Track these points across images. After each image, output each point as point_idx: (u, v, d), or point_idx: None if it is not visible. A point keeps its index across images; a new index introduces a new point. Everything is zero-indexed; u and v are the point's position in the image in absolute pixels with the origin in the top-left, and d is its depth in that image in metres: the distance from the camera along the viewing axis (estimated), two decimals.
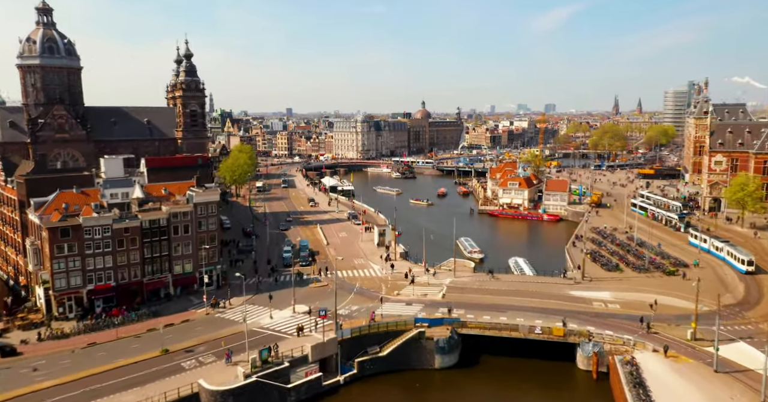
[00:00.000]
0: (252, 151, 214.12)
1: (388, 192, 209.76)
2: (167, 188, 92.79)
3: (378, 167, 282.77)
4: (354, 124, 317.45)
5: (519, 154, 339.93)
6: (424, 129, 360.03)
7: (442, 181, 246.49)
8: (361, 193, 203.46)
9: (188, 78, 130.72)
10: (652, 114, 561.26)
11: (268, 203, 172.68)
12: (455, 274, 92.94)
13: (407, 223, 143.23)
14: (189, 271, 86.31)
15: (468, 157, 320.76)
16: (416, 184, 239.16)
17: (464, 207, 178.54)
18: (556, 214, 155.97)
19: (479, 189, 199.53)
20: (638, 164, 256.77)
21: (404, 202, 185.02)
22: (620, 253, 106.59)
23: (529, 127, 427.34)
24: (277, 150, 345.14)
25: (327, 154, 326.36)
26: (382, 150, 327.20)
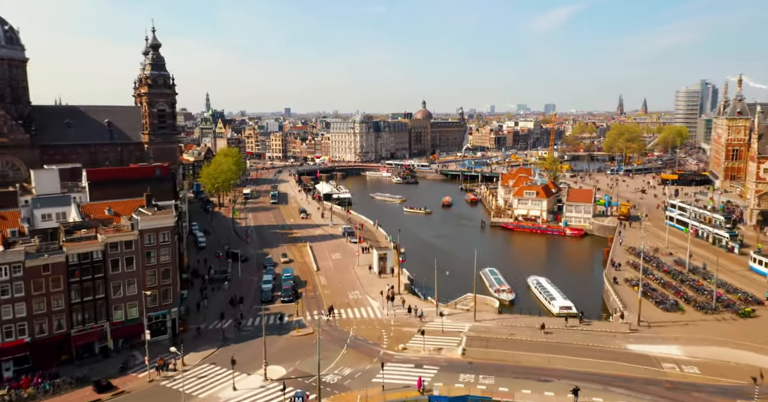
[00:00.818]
0: (239, 155, 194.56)
1: (389, 200, 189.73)
2: (113, 208, 72.98)
3: (377, 171, 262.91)
4: (352, 125, 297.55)
5: (526, 157, 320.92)
6: (426, 130, 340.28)
7: (446, 187, 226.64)
8: (358, 201, 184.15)
9: (155, 72, 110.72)
10: (659, 114, 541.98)
11: (254, 214, 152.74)
12: (476, 317, 73.06)
13: (409, 238, 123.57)
14: (133, 318, 66.43)
15: (473, 159, 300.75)
16: (419, 190, 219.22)
17: (474, 218, 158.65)
18: (580, 228, 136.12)
19: (489, 197, 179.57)
20: (658, 168, 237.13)
21: (423, 216, 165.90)
22: (673, 283, 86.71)
23: (535, 127, 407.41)
24: (271, 152, 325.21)
25: (323, 156, 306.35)
26: (381, 152, 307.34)
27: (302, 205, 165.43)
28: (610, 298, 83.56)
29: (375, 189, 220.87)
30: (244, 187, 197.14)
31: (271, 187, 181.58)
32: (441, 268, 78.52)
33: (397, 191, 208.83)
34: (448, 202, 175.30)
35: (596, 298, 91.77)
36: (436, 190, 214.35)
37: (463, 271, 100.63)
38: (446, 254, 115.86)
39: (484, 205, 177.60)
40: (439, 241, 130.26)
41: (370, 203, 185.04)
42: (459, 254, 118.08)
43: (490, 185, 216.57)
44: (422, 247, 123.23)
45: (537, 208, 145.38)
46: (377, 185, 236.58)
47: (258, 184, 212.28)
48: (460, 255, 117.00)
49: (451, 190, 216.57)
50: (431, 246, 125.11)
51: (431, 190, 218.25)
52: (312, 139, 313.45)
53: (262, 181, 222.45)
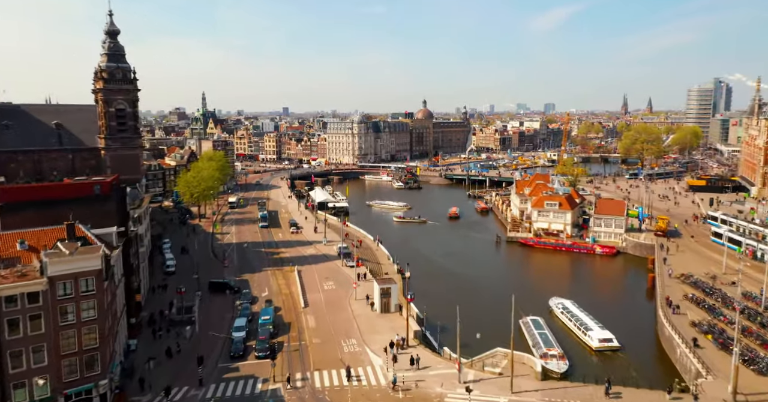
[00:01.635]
0: (224, 159, 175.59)
1: (391, 208, 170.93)
2: (28, 240, 54.22)
3: (377, 175, 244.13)
4: (350, 125, 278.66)
5: (534, 159, 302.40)
6: (428, 130, 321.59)
7: (452, 193, 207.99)
8: (356, 210, 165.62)
9: (112, 64, 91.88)
10: (666, 113, 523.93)
11: (239, 228, 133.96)
12: (513, 386, 54.41)
13: (413, 256, 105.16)
14: (44, 398, 47.80)
15: (478, 162, 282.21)
16: (422, 196, 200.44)
17: (486, 231, 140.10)
18: (611, 245, 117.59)
19: (502, 206, 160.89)
20: (679, 172, 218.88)
21: (417, 226, 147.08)
22: (755, 330, 68.10)
23: (541, 127, 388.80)
24: (264, 153, 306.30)
25: (320, 158, 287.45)
26: (381, 154, 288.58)
27: (294, 216, 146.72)
28: (676, 352, 64.92)
29: (374, 195, 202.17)
30: (232, 194, 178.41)
31: (258, 205, 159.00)
32: (464, 309, 59.92)
33: (398, 198, 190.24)
34: (455, 213, 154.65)
35: (640, 330, 74.67)
36: (441, 197, 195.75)
37: (485, 303, 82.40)
38: (462, 280, 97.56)
39: (496, 215, 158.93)
40: (450, 262, 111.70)
41: (369, 213, 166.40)
42: (477, 279, 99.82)
43: (500, 191, 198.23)
44: (431, 269, 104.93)
45: (560, 221, 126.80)
46: (377, 191, 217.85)
47: (247, 191, 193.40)
48: (479, 280, 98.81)
49: (457, 196, 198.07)
50: (441, 268, 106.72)
51: (436, 196, 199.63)
52: (307, 140, 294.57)
53: (252, 186, 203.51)
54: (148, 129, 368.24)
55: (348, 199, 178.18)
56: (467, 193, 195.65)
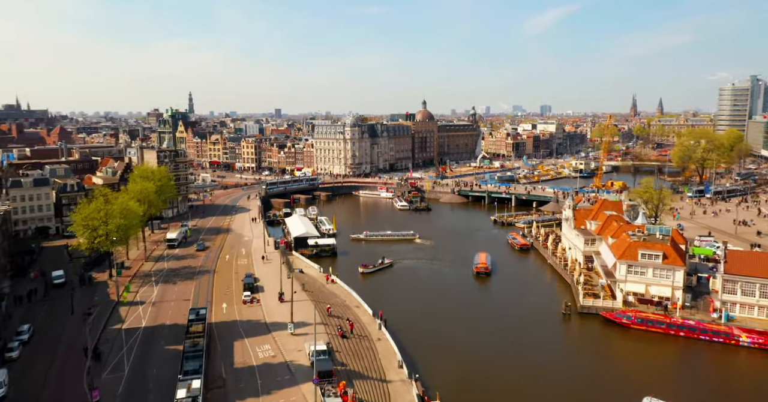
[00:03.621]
0: (167, 176, 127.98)
1: (394, 240, 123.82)
2: None
3: (374, 190, 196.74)
4: (341, 129, 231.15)
5: (557, 168, 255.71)
6: (432, 134, 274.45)
7: (470, 217, 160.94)
8: (349, 247, 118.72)
9: None
10: (683, 115, 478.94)
11: (164, 288, 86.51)
12: None
13: (435, 345, 58.20)
14: None
15: (492, 171, 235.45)
16: (433, 222, 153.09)
17: (542, 294, 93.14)
18: (764, 330, 70.90)
19: (550, 244, 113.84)
20: (752, 188, 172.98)
21: (434, 277, 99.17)
22: None
23: (557, 130, 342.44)
24: (242, 162, 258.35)
25: (306, 168, 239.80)
26: (378, 162, 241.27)
27: (255, 264, 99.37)
28: None
29: (371, 220, 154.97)
30: (175, 224, 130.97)
31: (198, 246, 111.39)
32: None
33: (401, 223, 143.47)
34: (485, 265, 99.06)
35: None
36: (457, 223, 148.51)
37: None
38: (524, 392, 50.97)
39: (543, 257, 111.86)
40: (502, 354, 64.99)
41: (365, 250, 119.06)
42: (544, 387, 53.10)
43: (532, 213, 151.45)
44: (474, 372, 58.51)
45: (665, 283, 79.99)
46: (374, 211, 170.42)
47: (205, 215, 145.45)
48: (546, 390, 52.07)
49: (478, 222, 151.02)
50: (490, 368, 59.92)
51: (450, 222, 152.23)
52: (291, 146, 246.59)
53: (215, 209, 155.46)
54: (112, 133, 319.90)
55: (337, 228, 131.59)
56: (492, 219, 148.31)
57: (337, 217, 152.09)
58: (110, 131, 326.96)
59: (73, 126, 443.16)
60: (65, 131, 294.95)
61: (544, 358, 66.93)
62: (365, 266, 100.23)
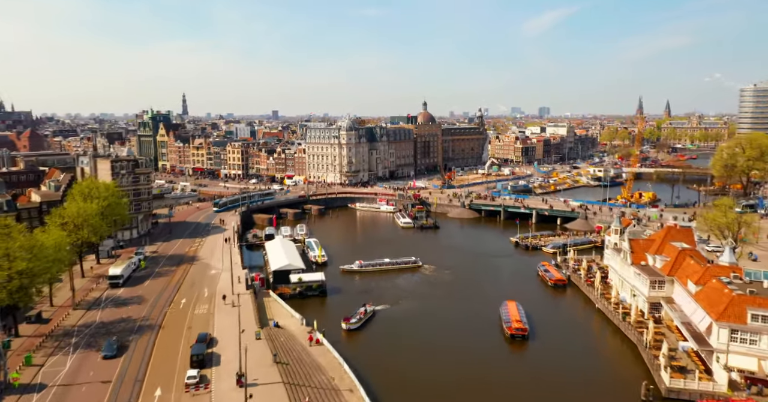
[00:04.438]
0: (117, 194, 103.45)
1: (393, 269, 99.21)
2: None
3: (372, 203, 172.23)
4: (336, 133, 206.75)
5: (573, 175, 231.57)
6: (436, 138, 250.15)
7: (486, 237, 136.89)
8: (341, 282, 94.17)
9: None
10: (694, 117, 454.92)
11: (82, 358, 61.97)
12: None
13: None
14: None
15: (505, 181, 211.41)
16: (441, 245, 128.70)
17: (593, 359, 69.03)
18: None
19: (596, 281, 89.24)
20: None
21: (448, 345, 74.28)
22: None
23: (568, 134, 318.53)
24: (227, 168, 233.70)
25: (297, 176, 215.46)
26: (377, 170, 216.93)
27: (217, 315, 74.89)
28: None
29: (369, 240, 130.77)
30: (144, 244, 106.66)
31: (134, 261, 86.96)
32: None
33: (405, 244, 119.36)
34: (520, 325, 72.16)
35: None
36: (471, 246, 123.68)
37: None
38: None
39: (587, 297, 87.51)
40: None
41: (360, 286, 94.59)
42: None
43: (560, 234, 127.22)
44: None
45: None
46: (372, 230, 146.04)
47: (171, 237, 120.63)
48: None
49: (494, 241, 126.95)
50: None
51: (463, 244, 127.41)
52: (281, 152, 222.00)
53: (184, 229, 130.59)
54: (89, 136, 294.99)
55: (328, 254, 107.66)
56: (513, 240, 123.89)
57: (330, 237, 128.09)
58: (89, 134, 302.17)
59: (57, 128, 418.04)
60: (36, 135, 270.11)
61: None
62: (347, 320, 74.91)
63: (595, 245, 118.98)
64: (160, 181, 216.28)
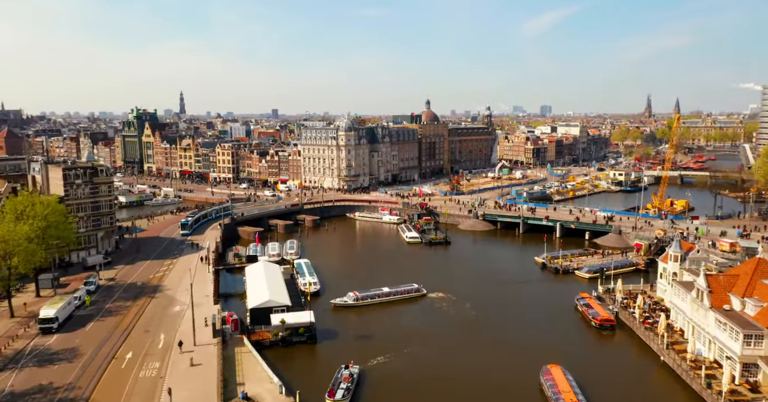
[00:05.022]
0: (61, 212, 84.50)
1: (393, 301, 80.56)
2: None
3: (373, 212, 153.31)
4: (334, 133, 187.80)
5: (593, 180, 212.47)
6: (442, 139, 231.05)
7: (505, 255, 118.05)
8: (333, 321, 75.20)
9: None
10: (707, 116, 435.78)
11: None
12: None
13: None
14: None
15: (515, 184, 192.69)
16: (453, 263, 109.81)
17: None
18: None
19: (654, 324, 70.11)
20: None
21: None
22: None
23: (581, 134, 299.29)
24: (217, 172, 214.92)
25: (291, 181, 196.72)
26: (379, 174, 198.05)
27: (169, 378, 56.07)
28: None
29: (369, 259, 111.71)
30: (103, 268, 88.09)
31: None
32: None
33: (411, 265, 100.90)
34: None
35: None
36: (487, 266, 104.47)
37: None
38: None
39: (648, 346, 68.46)
40: None
41: (356, 326, 75.82)
42: None
43: (588, 251, 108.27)
44: None
45: None
46: (373, 247, 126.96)
47: (136, 259, 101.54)
48: None
49: (516, 260, 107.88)
50: None
51: (478, 263, 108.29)
52: (274, 154, 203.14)
53: (155, 246, 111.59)
54: (72, 136, 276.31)
55: (322, 280, 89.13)
56: (539, 261, 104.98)
57: (324, 256, 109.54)
58: (72, 134, 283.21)
59: (48, 126, 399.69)
60: (14, 134, 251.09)
61: None
62: (331, 394, 54.70)
63: (636, 268, 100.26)
64: (142, 186, 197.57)
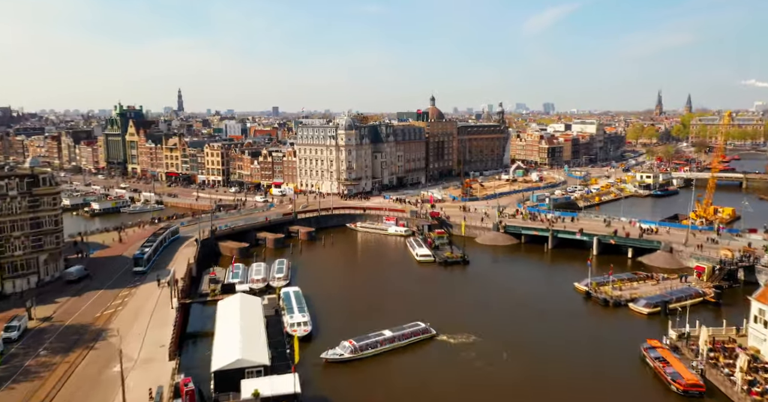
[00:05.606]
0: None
1: (405, 341, 61.14)
2: None
3: (377, 221, 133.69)
4: (332, 132, 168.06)
5: (617, 183, 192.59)
6: (451, 138, 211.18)
7: (533, 275, 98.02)
8: (328, 388, 53.75)
9: None
10: (720, 113, 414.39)
11: None
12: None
13: None
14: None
15: (534, 188, 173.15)
16: (473, 289, 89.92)
17: None
18: None
19: (762, 397, 51.00)
20: None
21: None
22: None
23: (598, 132, 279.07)
24: (205, 174, 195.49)
25: (286, 185, 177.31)
26: (383, 177, 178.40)
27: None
28: None
29: (371, 285, 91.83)
30: (38, 302, 68.71)
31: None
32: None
33: (422, 294, 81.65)
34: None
35: None
36: (514, 292, 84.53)
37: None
38: None
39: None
40: None
41: (355, 390, 56.41)
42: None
43: (639, 276, 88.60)
44: None
45: None
46: (377, 266, 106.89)
47: (84, 290, 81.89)
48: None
49: (548, 285, 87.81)
50: None
51: (503, 288, 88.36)
52: (267, 155, 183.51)
53: (115, 266, 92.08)
54: (54, 135, 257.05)
55: (311, 321, 69.86)
56: (581, 289, 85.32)
57: (319, 281, 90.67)
58: (54, 133, 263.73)
59: (39, 125, 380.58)
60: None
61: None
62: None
63: (704, 299, 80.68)
64: (121, 190, 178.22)
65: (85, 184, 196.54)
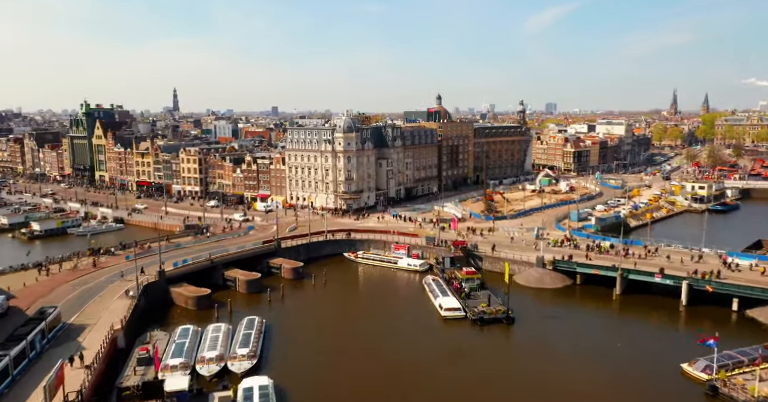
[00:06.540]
0: None
1: None
2: None
3: (384, 249, 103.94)
4: (329, 135, 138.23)
5: (663, 195, 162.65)
6: (467, 141, 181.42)
7: (604, 343, 66.54)
8: None
9: None
10: (759, 113, 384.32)
11: None
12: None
13: None
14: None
15: (568, 202, 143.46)
16: (527, 372, 60.25)
17: None
18: None
19: None
20: None
21: None
22: None
23: (626, 134, 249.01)
24: (181, 184, 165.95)
25: (273, 198, 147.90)
26: (389, 188, 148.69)
27: None
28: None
29: (375, 360, 61.77)
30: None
31: None
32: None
33: (453, 376, 52.09)
34: None
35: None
36: (597, 376, 54.42)
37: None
38: None
39: None
40: None
41: None
42: None
43: None
44: None
45: None
46: (385, 325, 76.10)
47: None
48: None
49: (641, 360, 55.73)
50: None
51: (568, 369, 58.32)
52: (251, 162, 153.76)
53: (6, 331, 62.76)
54: (19, 137, 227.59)
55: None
56: (701, 379, 55.56)
57: (303, 355, 60.69)
58: (19, 134, 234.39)
59: (24, 125, 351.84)
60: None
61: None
62: None
63: None
64: (75, 204, 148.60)
65: (41, 195, 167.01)
